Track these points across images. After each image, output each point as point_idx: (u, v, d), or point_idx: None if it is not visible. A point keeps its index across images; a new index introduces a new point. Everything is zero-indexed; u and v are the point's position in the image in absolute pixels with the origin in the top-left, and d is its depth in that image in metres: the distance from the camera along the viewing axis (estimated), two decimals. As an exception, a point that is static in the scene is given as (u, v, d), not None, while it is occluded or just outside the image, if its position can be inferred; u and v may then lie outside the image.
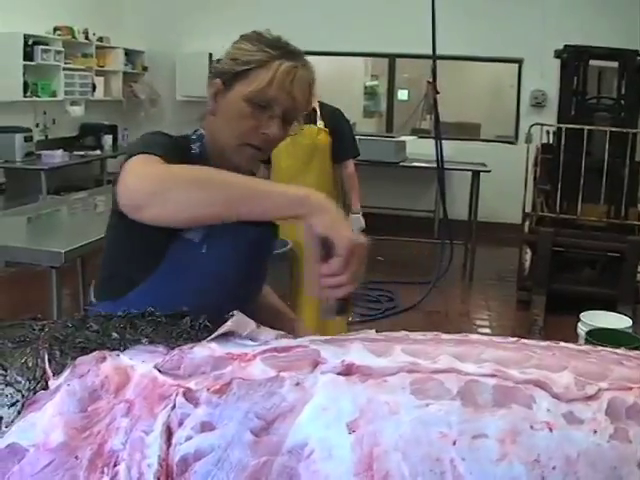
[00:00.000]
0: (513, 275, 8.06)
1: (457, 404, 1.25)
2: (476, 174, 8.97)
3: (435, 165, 7.93)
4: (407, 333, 1.53)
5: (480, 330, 6.84)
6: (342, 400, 1.28)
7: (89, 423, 1.39)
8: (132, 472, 1.31)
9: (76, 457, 1.35)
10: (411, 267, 8.98)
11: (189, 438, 1.31)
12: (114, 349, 1.54)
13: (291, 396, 1.32)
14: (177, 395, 1.38)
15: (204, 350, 1.48)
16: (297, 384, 1.33)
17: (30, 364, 1.51)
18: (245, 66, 1.96)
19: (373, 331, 1.57)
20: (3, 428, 1.45)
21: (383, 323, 6.80)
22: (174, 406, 1.36)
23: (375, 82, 13.18)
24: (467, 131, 11.55)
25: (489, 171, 8.98)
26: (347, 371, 1.35)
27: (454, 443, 1.20)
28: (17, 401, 1.48)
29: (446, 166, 8.06)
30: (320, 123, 5.33)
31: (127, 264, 2.02)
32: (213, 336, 1.54)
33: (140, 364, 1.48)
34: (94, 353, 1.50)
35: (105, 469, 1.33)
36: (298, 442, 1.25)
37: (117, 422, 1.37)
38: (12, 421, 1.45)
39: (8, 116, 9.02)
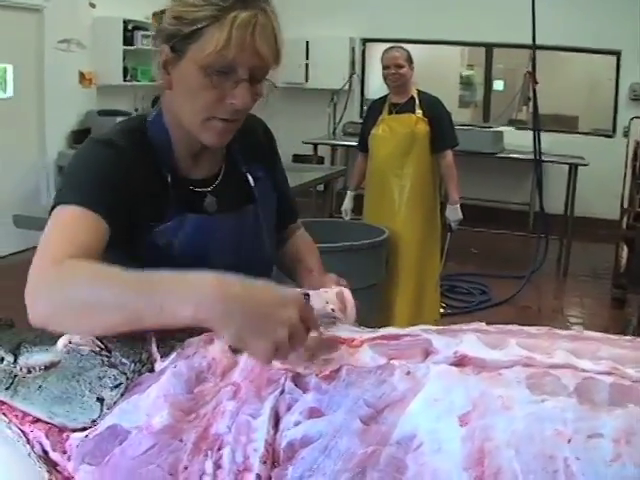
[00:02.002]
0: (608, 272, 7.88)
1: (573, 401, 1.20)
2: (573, 167, 8.80)
3: (532, 157, 7.81)
4: (520, 327, 1.48)
5: (573, 328, 6.66)
6: (454, 392, 1.24)
7: (195, 405, 1.38)
8: (236, 455, 1.29)
9: (180, 440, 1.34)
10: (505, 260, 8.85)
11: (297, 424, 1.29)
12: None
13: (402, 385, 1.28)
14: (286, 380, 1.36)
15: (313, 332, 1.46)
16: (408, 373, 1.30)
17: (136, 346, 1.51)
18: (193, 26, 1.65)
19: (483, 323, 1.52)
20: (105, 410, 1.45)
21: (475, 316, 6.65)
22: (283, 391, 1.34)
23: (471, 72, 13.03)
24: (564, 123, 11.32)
25: (587, 165, 8.80)
26: (460, 362, 1.31)
27: (569, 441, 1.15)
28: (120, 383, 1.47)
29: (543, 158, 7.93)
30: (419, 112, 5.29)
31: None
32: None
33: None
34: (202, 335, 1.49)
35: (209, 452, 1.32)
36: (407, 433, 1.21)
37: (223, 405, 1.36)
38: (114, 403, 1.45)
39: (109, 99, 9.17)
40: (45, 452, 1.48)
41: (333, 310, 1.57)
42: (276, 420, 1.32)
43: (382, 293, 5.06)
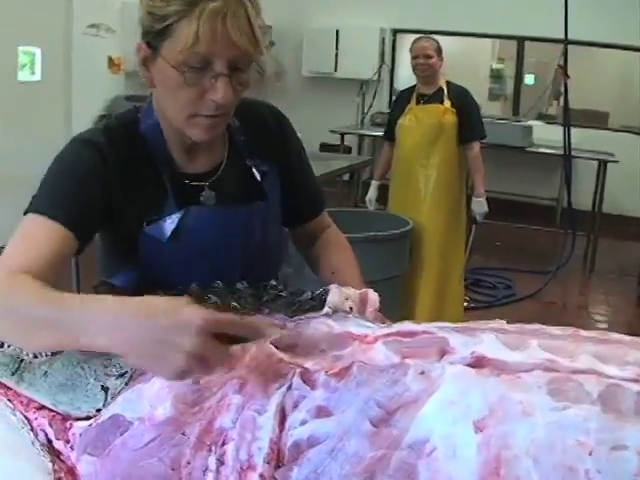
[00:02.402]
0: (635, 270, 7.76)
1: (597, 410, 1.13)
2: (603, 164, 8.68)
3: (561, 152, 7.70)
4: (543, 326, 1.41)
5: (598, 325, 6.59)
6: (471, 395, 1.17)
7: (199, 398, 1.33)
8: (240, 453, 1.24)
9: (183, 433, 1.29)
10: (530, 255, 8.74)
11: (304, 422, 1.23)
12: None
13: (415, 386, 1.22)
14: (294, 375, 1.30)
15: (322, 327, 1.40)
16: (422, 373, 1.23)
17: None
18: (164, 22, 1.57)
19: (504, 322, 1.45)
20: (109, 399, 1.40)
21: (499, 311, 6.56)
22: (290, 386, 1.29)
23: (501, 65, 12.91)
24: (594, 119, 11.18)
25: (617, 162, 8.69)
26: (478, 363, 1.24)
27: (590, 453, 1.09)
28: (126, 372, 1.42)
29: (572, 154, 7.82)
30: (447, 103, 5.21)
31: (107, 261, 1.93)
32: (324, 311, 1.47)
33: (257, 338, 1.41)
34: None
35: (213, 447, 1.27)
36: (420, 437, 1.15)
37: (228, 399, 1.30)
38: (119, 392, 1.40)
39: (136, 85, 8.85)
40: (49, 441, 1.44)
41: (351, 309, 1.50)
42: (282, 417, 1.26)
43: (405, 285, 4.98)
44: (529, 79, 12.00)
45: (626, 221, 9.54)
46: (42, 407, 1.47)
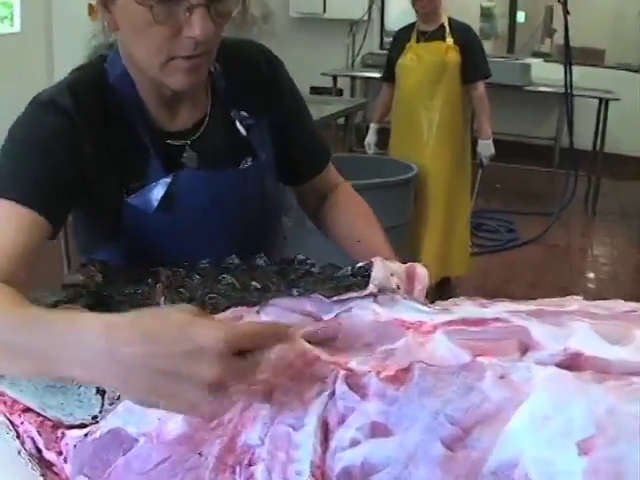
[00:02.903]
0: (638, 211, 7.59)
1: None
2: (605, 102, 8.43)
3: (560, 91, 7.47)
4: (628, 303, 1.15)
5: (603, 268, 6.42)
6: (571, 407, 0.91)
7: (218, 409, 1.07)
8: (273, 476, 0.99)
9: (200, 453, 1.03)
10: (530, 197, 8.51)
11: (355, 443, 0.97)
12: (254, 304, 1.22)
13: (496, 394, 0.96)
14: (336, 379, 1.04)
15: (367, 313, 1.15)
16: (502, 377, 0.97)
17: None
18: None
19: (580, 297, 1.19)
20: (106, 405, 1.16)
21: (504, 255, 6.46)
22: (333, 394, 1.03)
23: (491, 3, 12.63)
24: (591, 57, 10.93)
25: (618, 99, 8.44)
26: (573, 364, 0.98)
27: None
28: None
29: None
30: (449, 40, 4.93)
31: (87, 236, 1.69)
32: (369, 290, 1.21)
33: (285, 331, 1.16)
34: (228, 311, 1.19)
35: (237, 469, 1.02)
36: (506, 461, 0.90)
37: (254, 409, 1.05)
38: (118, 398, 1.15)
39: None
40: (38, 450, 1.20)
41: (398, 287, 1.24)
42: (325, 434, 1.00)
43: (410, 233, 4.76)
44: (520, 16, 11.76)
45: (626, 160, 9.31)
46: (28, 409, 1.23)
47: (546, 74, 9.00)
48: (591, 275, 6.27)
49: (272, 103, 1.71)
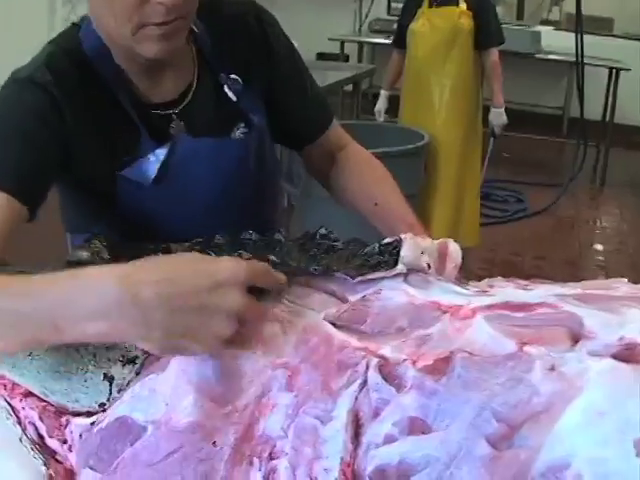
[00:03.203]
0: (648, 181, 7.52)
1: None
2: (616, 72, 8.31)
3: (570, 59, 7.35)
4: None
5: (613, 239, 6.34)
6: (629, 403, 0.82)
7: (230, 391, 0.98)
8: (299, 474, 0.90)
9: (214, 443, 0.95)
10: (538, 167, 8.41)
11: (390, 440, 0.88)
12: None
13: (546, 387, 0.86)
14: (368, 367, 0.95)
15: (399, 294, 1.05)
16: (552, 369, 0.88)
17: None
18: None
19: (625, 280, 1.09)
20: (114, 393, 1.07)
21: (512, 226, 6.36)
22: (364, 384, 0.94)
23: (500, -34, 12.47)
24: (598, 25, 10.79)
25: (629, 69, 8.32)
26: (630, 356, 0.88)
27: None
28: (136, 357, 1.08)
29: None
30: (462, 5, 4.80)
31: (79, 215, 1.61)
32: (398, 269, 1.11)
33: (305, 311, 1.06)
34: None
35: (255, 460, 0.93)
36: (557, 461, 0.81)
37: (273, 395, 0.97)
38: (127, 384, 1.07)
39: None
40: (40, 437, 1.11)
41: (429, 266, 1.14)
42: (356, 429, 0.91)
43: (421, 204, 4.66)
44: (528, -17, 11.61)
45: (636, 131, 9.20)
46: (30, 394, 1.14)
47: (555, 42, 8.88)
48: (599, 247, 6.18)
49: (263, 63, 1.60)
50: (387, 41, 8.46)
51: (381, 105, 5.38)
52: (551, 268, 5.48)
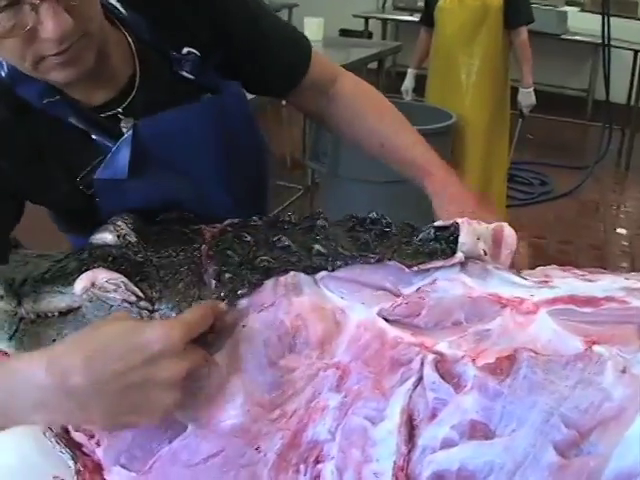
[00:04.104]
0: (674, 165, 7.40)
1: None
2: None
3: (596, 41, 7.24)
4: None
5: (637, 223, 6.23)
6: None
7: (280, 397, 0.91)
8: (346, 477, 0.83)
9: (257, 448, 0.88)
10: (563, 149, 8.29)
11: (449, 444, 0.81)
12: (315, 270, 1.06)
13: (618, 391, 0.80)
14: (423, 364, 0.88)
15: (456, 285, 0.98)
16: (624, 371, 0.81)
17: (190, 295, 1.04)
18: None
19: None
20: None
21: (537, 209, 6.26)
22: (419, 382, 0.87)
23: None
24: (623, 8, 10.63)
25: (657, 52, 8.22)
26: None
27: None
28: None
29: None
30: (491, -18, 4.70)
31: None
32: (457, 259, 1.03)
33: (357, 306, 0.98)
34: (278, 277, 1.02)
35: (301, 467, 0.87)
36: (626, 470, 0.74)
37: (323, 398, 0.90)
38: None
39: None
40: (66, 430, 1.04)
41: (485, 253, 1.05)
42: (410, 430, 0.84)
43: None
44: (553, -38, 11.45)
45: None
46: (53, 383, 1.07)
47: (581, 24, 8.76)
48: (624, 231, 6.08)
49: (215, 26, 1.44)
50: (411, 18, 8.36)
51: (408, 84, 5.28)
52: (576, 252, 5.40)
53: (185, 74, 1.40)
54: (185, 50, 1.40)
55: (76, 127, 1.32)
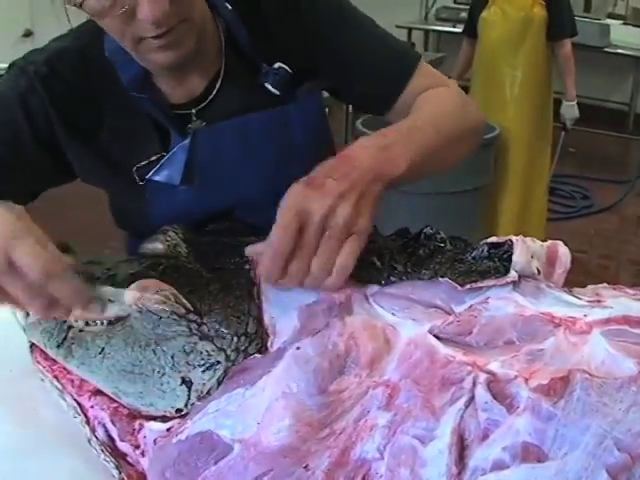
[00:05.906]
0: None
1: None
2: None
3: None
4: None
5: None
6: None
7: (329, 416, 0.90)
8: (394, 497, 0.82)
9: (306, 467, 0.87)
10: (604, 163, 8.22)
11: (500, 466, 0.79)
12: (365, 283, 1.05)
13: (672, 415, 0.78)
14: (475, 384, 0.87)
15: (508, 304, 0.96)
16: (679, 394, 0.80)
17: (240, 310, 1.03)
18: None
19: None
20: (193, 399, 0.99)
21: (578, 223, 6.23)
22: (470, 402, 0.86)
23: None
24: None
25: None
26: None
27: None
28: (217, 363, 1.00)
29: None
30: (535, -7, 4.69)
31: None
32: (510, 277, 1.02)
33: (407, 323, 0.97)
34: (334, 294, 1.01)
35: (349, 485, 0.85)
36: None
37: (372, 416, 0.88)
38: (208, 392, 0.99)
39: None
40: (111, 439, 1.04)
41: (539, 271, 1.04)
42: (460, 450, 0.83)
43: (489, 197, 4.56)
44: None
45: None
46: (99, 392, 1.08)
47: (623, 37, 8.72)
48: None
49: (309, 43, 1.42)
50: (453, 29, 8.34)
51: (451, 95, 5.26)
52: (617, 267, 5.36)
53: (269, 87, 1.40)
54: (277, 65, 1.40)
55: (150, 117, 1.36)
